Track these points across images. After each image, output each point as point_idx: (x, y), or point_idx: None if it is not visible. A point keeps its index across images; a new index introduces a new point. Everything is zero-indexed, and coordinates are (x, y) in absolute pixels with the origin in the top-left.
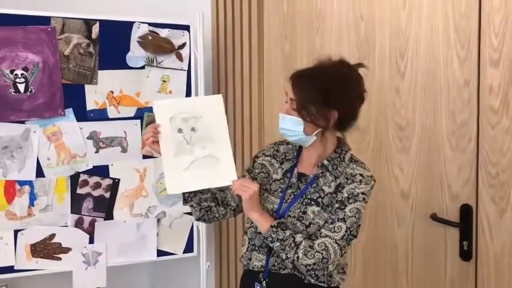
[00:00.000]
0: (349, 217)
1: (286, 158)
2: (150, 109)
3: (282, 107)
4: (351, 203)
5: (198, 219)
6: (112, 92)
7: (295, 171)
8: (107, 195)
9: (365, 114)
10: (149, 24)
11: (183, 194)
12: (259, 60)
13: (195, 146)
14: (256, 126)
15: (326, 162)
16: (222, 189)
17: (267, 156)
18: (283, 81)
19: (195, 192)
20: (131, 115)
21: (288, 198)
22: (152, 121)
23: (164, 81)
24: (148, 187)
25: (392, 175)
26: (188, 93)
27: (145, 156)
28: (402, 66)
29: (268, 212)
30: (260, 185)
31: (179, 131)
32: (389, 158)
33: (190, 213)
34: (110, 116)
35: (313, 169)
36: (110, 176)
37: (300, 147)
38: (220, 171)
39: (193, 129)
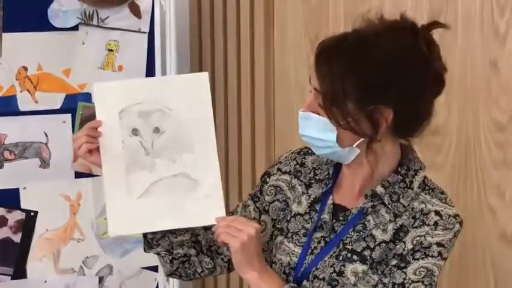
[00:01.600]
0: (412, 282)
1: (317, 177)
2: (87, 96)
3: (304, 98)
4: (418, 259)
5: (169, 275)
6: (25, 69)
7: (329, 202)
8: (17, 238)
9: (441, 107)
10: None
11: (145, 234)
12: (266, 17)
13: (159, 157)
14: (262, 125)
15: (379, 189)
16: (211, 227)
17: (284, 173)
18: (305, 54)
19: (164, 232)
20: (57, 106)
21: (315, 247)
22: (91, 117)
23: (111, 50)
24: (85, 225)
25: (486, 205)
26: (150, 72)
27: (79, 175)
28: (502, 26)
29: (281, 269)
30: (274, 221)
31: (134, 132)
32: (479, 176)
33: (154, 268)
34: (21, 109)
35: (359, 200)
36: (22, 206)
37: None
38: (200, 202)
39: (156, 130)
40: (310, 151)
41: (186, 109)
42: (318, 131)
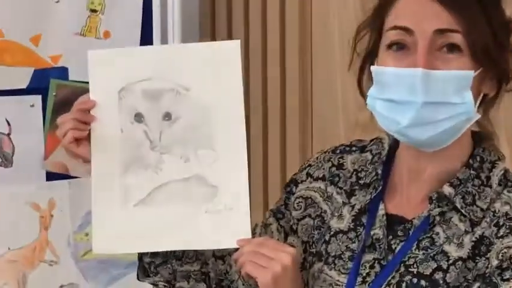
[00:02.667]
0: None
1: (361, 182)
2: (63, 72)
3: (348, 70)
4: (509, 280)
5: None
6: None
7: (380, 212)
8: None
9: None
10: None
11: (141, 256)
12: None
13: (168, 153)
14: (295, 107)
15: (447, 189)
16: (223, 255)
17: (317, 179)
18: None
19: (167, 256)
20: (22, 85)
21: (367, 274)
22: (68, 99)
23: (94, 10)
24: (59, 243)
25: None
26: (146, 40)
27: (52, 176)
28: None
29: None
30: (305, 244)
31: (138, 118)
32: None
33: None
34: None
35: (421, 207)
36: None
37: (389, 157)
38: (218, 216)
39: (167, 116)
40: (348, 148)
41: (208, 90)
42: (452, 91)
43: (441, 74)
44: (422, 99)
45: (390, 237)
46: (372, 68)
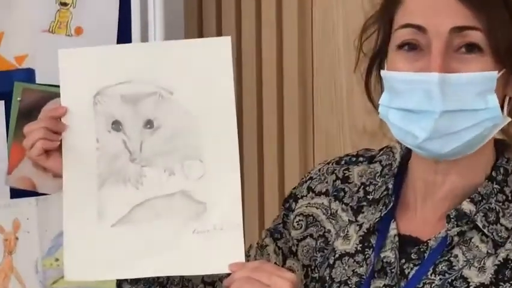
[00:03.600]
0: None
1: (369, 197)
2: (28, 74)
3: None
4: None
5: None
6: None
7: (392, 232)
8: None
9: None
10: None
11: (120, 283)
12: None
13: (150, 166)
14: (295, 112)
15: (468, 206)
16: (213, 281)
17: (319, 194)
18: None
19: (149, 282)
20: None
21: None
22: (35, 105)
23: (64, 4)
24: (25, 270)
25: None
26: (123, 37)
27: (17, 193)
28: None
29: None
30: (306, 268)
31: (115, 126)
32: None
33: None
34: None
35: (438, 226)
36: None
37: (401, 169)
38: (207, 237)
39: (149, 123)
40: (354, 159)
41: (195, 93)
42: (473, 95)
43: (460, 78)
44: (440, 108)
45: (403, 260)
46: (382, 72)
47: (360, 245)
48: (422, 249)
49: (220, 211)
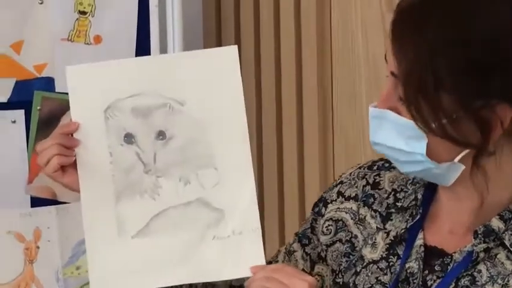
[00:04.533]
0: None
1: (398, 204)
2: (48, 83)
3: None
4: None
5: None
6: None
7: (418, 242)
8: None
9: None
10: None
11: None
12: None
13: (165, 176)
14: (314, 121)
15: (497, 223)
16: (240, 286)
17: (349, 199)
18: (379, 14)
19: None
20: (3, 99)
21: None
22: (55, 114)
23: (84, 12)
24: (47, 279)
25: None
26: (143, 46)
27: (37, 202)
28: None
29: None
30: (335, 274)
31: (128, 139)
32: None
33: None
34: None
35: (465, 240)
36: None
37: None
38: (226, 243)
39: (161, 135)
40: (387, 164)
41: (205, 102)
42: (399, 137)
43: (393, 116)
44: (372, 139)
45: (426, 271)
46: None
47: (386, 253)
48: (446, 262)
49: (237, 216)
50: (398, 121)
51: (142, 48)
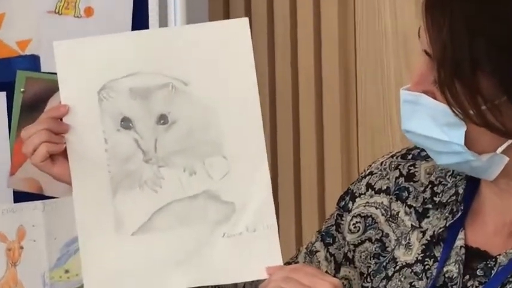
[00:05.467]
0: None
1: (436, 199)
2: (33, 61)
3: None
4: None
5: None
6: None
7: (458, 243)
8: None
9: None
10: None
11: None
12: None
13: (167, 166)
14: (336, 108)
15: None
16: (256, 286)
17: (379, 192)
18: None
19: None
20: None
21: None
22: (41, 96)
23: None
24: (31, 282)
25: None
26: (140, 20)
27: (21, 197)
28: None
29: None
30: (363, 277)
31: (125, 124)
32: None
33: None
34: None
35: (511, 240)
36: None
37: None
38: (238, 240)
39: (163, 119)
40: (424, 153)
41: (212, 82)
42: (434, 125)
43: (429, 103)
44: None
45: (467, 276)
46: None
47: (421, 255)
48: (489, 265)
49: (251, 211)
50: (433, 107)
51: (140, 22)
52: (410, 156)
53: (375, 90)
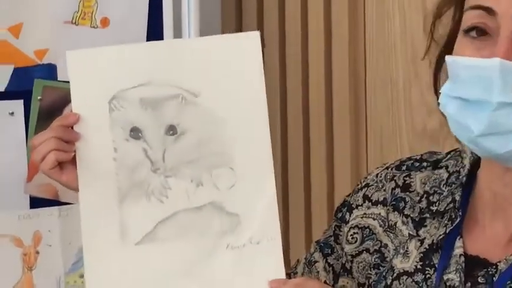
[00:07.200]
0: None
1: (433, 208)
2: (50, 70)
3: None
4: None
5: None
6: None
7: (457, 251)
8: None
9: None
10: None
11: None
12: None
13: (175, 176)
14: (346, 115)
15: None
16: None
17: (376, 204)
18: None
19: None
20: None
21: None
22: (58, 105)
23: None
24: (47, 287)
25: None
26: (154, 30)
27: (37, 202)
28: None
29: None
30: (367, 287)
31: (135, 134)
32: None
33: None
34: None
35: (510, 246)
36: None
37: (470, 177)
38: (242, 252)
39: (171, 129)
40: (417, 164)
41: (222, 94)
42: None
43: None
44: (497, 99)
45: (469, 284)
46: (446, 58)
47: (421, 263)
48: (490, 273)
49: (255, 223)
50: None
51: (154, 32)
52: (404, 167)
53: (385, 98)
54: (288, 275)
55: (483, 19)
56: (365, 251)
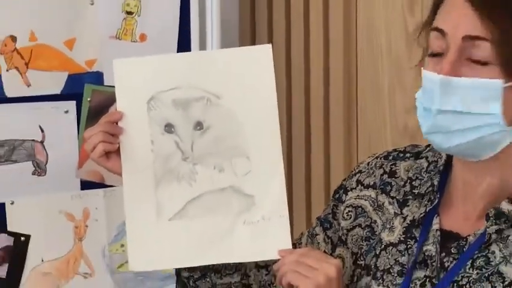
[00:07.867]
0: None
1: (415, 191)
2: (98, 77)
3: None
4: None
5: None
6: (13, 40)
7: (434, 227)
8: (2, 271)
9: None
10: None
11: (179, 271)
12: None
13: (201, 164)
14: (340, 116)
15: (507, 206)
16: (267, 265)
17: (367, 187)
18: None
19: (205, 270)
20: (56, 91)
21: None
22: (103, 105)
23: (130, 12)
24: (94, 255)
25: None
26: (184, 43)
27: (86, 185)
28: None
29: None
30: (355, 256)
31: (168, 129)
32: None
33: None
34: (7, 94)
35: (478, 223)
36: (9, 228)
37: (447, 166)
38: (256, 227)
39: (199, 125)
40: (402, 154)
41: (240, 97)
42: (476, 100)
43: (460, 81)
44: (436, 107)
45: (443, 254)
46: (422, 70)
47: (404, 236)
48: (461, 244)
49: (267, 203)
50: (475, 84)
51: (183, 45)
52: (391, 157)
53: (372, 100)
54: (294, 245)
55: (438, 40)
56: (357, 226)
